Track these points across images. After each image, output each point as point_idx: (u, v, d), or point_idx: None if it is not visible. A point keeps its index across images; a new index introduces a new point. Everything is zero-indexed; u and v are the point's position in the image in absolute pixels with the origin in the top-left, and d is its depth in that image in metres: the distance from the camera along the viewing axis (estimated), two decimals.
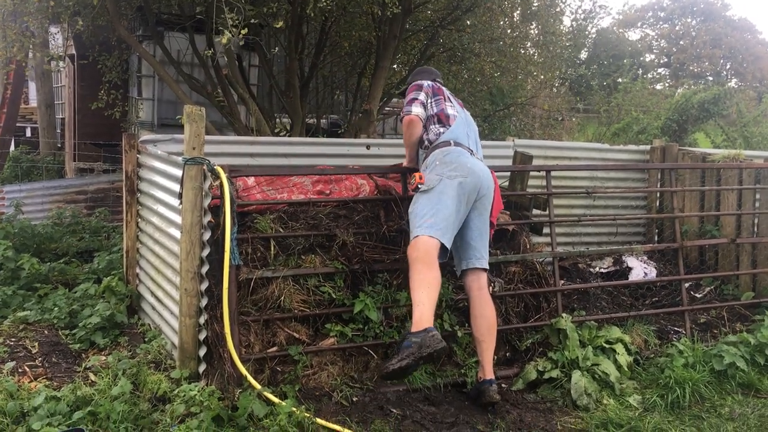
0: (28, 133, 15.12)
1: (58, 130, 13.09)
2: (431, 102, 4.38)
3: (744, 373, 4.59)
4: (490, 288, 4.62)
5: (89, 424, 3.47)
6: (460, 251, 4.23)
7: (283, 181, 4.76)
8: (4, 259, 5.74)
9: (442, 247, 3.95)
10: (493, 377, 4.14)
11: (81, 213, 8.15)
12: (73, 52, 10.77)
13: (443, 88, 4.55)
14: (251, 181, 4.62)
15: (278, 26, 6.37)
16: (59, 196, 8.98)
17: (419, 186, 4.06)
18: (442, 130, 4.28)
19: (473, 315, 4.18)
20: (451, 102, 4.46)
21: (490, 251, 4.81)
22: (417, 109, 4.31)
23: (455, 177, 4.02)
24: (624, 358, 4.59)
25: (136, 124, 9.95)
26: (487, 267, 4.27)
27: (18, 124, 13.86)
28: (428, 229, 3.91)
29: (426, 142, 4.31)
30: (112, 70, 9.77)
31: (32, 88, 15.58)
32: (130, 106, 10.35)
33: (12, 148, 12.86)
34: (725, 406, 4.33)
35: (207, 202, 3.99)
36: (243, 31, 5.49)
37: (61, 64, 10.26)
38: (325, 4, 6.61)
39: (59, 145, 12.90)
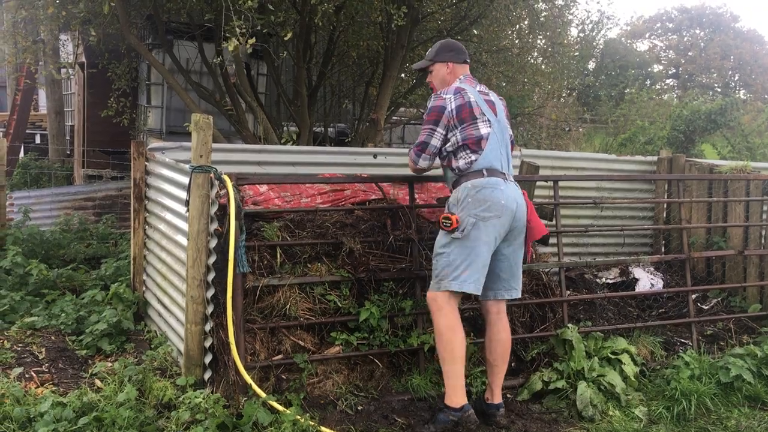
0: (38, 140, 15.21)
1: (68, 137, 13.18)
2: (456, 132, 3.89)
3: (751, 386, 4.56)
4: None
5: (95, 430, 3.47)
6: (487, 281, 3.93)
7: (299, 187, 4.79)
8: (13, 265, 5.77)
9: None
10: (501, 401, 4.10)
11: (89, 220, 8.19)
12: (83, 59, 10.86)
13: (468, 90, 3.98)
14: (263, 188, 4.65)
15: (287, 38, 6.40)
16: (67, 203, 9.02)
17: (455, 230, 3.80)
18: (473, 157, 3.88)
19: (489, 338, 4.09)
20: (482, 114, 3.93)
21: None
22: (425, 163, 4.01)
23: (489, 218, 3.79)
24: (630, 370, 4.57)
25: (144, 132, 10.01)
26: (518, 296, 4.14)
27: (28, 131, 13.95)
28: (462, 283, 3.76)
29: (456, 170, 3.93)
30: (121, 78, 9.85)
31: (42, 95, 15.69)
32: (139, 114, 10.42)
33: (21, 154, 12.94)
34: (731, 418, 4.31)
35: (214, 209, 4.01)
36: (251, 41, 5.53)
37: (71, 71, 10.34)
38: (327, 7, 6.63)
39: (68, 152, 12.99)
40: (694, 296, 5.75)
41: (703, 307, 5.93)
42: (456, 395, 3.80)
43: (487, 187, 3.83)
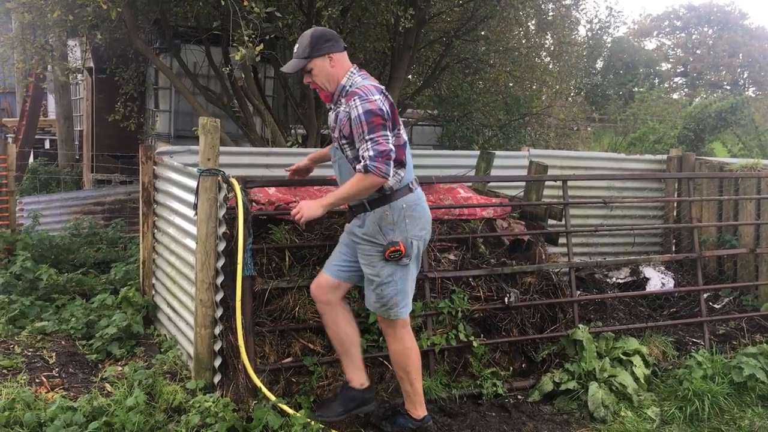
0: (47, 145, 15.31)
1: (76, 142, 13.25)
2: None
3: (764, 385, 4.52)
4: (506, 299, 4.60)
5: None
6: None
7: (307, 190, 4.78)
8: (23, 270, 5.79)
9: None
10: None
11: (98, 224, 8.21)
12: (92, 64, 10.92)
13: (383, 89, 3.56)
14: (271, 191, 4.64)
15: (292, 40, 6.40)
16: (77, 208, 9.06)
17: (404, 259, 3.54)
18: (401, 173, 3.48)
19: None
20: (398, 117, 3.58)
21: (505, 261, 4.81)
22: (392, 170, 3.38)
23: (422, 236, 3.61)
24: (641, 370, 4.54)
25: (152, 136, 10.05)
26: None
27: (37, 137, 14.03)
28: (407, 307, 3.70)
29: (387, 190, 3.50)
30: (129, 83, 9.88)
31: (51, 100, 15.78)
32: (147, 118, 10.46)
33: (31, 160, 13.01)
34: (745, 418, 4.27)
35: (222, 212, 4.01)
36: (258, 48, 5.53)
37: (79, 76, 10.38)
38: (332, 11, 6.63)
39: (77, 157, 13.05)
40: (705, 295, 5.70)
41: (715, 306, 5.88)
42: (420, 407, 3.83)
43: (418, 202, 3.60)
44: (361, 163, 3.34)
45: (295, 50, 3.57)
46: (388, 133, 3.37)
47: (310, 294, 3.86)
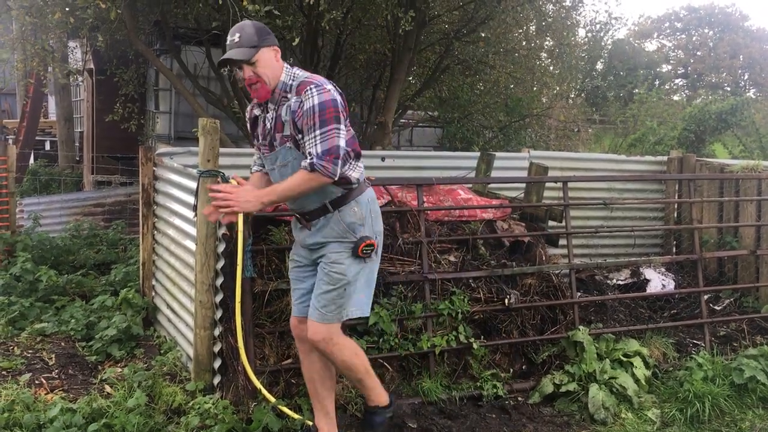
0: (47, 147, 15.33)
1: (77, 144, 13.26)
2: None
3: (765, 387, 4.50)
4: (506, 300, 4.59)
5: None
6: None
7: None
8: (23, 271, 5.79)
9: None
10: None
11: (98, 225, 8.21)
12: (92, 66, 10.93)
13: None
14: None
15: (294, 43, 6.40)
16: (77, 209, 9.06)
17: (373, 254, 3.40)
18: (360, 165, 3.37)
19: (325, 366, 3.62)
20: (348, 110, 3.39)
21: (506, 262, 4.80)
22: (339, 170, 3.16)
23: (382, 231, 3.51)
24: (642, 372, 4.53)
25: (153, 137, 10.06)
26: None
27: (37, 138, 14.05)
28: (369, 304, 3.50)
29: (353, 182, 3.34)
30: (129, 84, 9.89)
31: (52, 102, 15.80)
32: (147, 120, 10.46)
33: (31, 161, 13.02)
34: (746, 420, 4.26)
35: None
36: None
37: (79, 78, 10.39)
38: (335, 14, 6.63)
39: (77, 159, 13.06)
40: (706, 297, 5.69)
41: (716, 307, 5.88)
42: (382, 393, 3.68)
43: (374, 197, 3.48)
44: (308, 160, 3.12)
45: (234, 41, 3.25)
46: (342, 127, 3.18)
47: (292, 334, 3.70)
